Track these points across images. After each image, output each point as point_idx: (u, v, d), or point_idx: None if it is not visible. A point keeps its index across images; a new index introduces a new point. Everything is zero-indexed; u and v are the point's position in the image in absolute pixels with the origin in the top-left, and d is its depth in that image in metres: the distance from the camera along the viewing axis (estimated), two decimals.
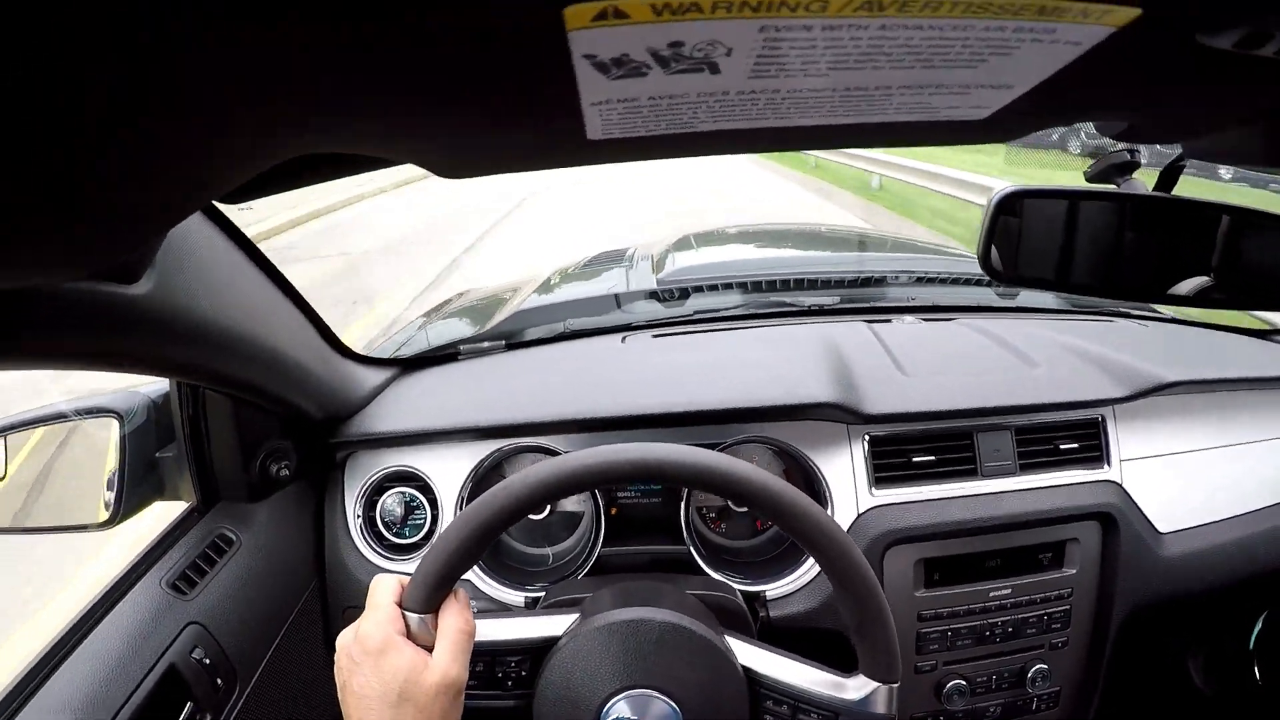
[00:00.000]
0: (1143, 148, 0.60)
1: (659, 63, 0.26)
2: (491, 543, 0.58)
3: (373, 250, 6.71)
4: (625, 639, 0.63)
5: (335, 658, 0.57)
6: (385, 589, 0.58)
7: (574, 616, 0.66)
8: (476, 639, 0.60)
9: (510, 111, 0.31)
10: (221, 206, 0.67)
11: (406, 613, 0.57)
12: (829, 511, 0.98)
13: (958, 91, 0.31)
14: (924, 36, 0.26)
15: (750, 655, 0.65)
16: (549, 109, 0.31)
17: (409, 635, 0.56)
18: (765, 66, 0.28)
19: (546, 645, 0.65)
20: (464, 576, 0.94)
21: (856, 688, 0.62)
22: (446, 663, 0.54)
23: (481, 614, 0.65)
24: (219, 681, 0.78)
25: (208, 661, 0.77)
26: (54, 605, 2.20)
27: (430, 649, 0.55)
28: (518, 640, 0.65)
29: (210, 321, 0.64)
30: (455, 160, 0.39)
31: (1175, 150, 0.55)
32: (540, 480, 0.58)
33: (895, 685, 0.62)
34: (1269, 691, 1.16)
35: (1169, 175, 0.63)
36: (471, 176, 0.41)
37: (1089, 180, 0.67)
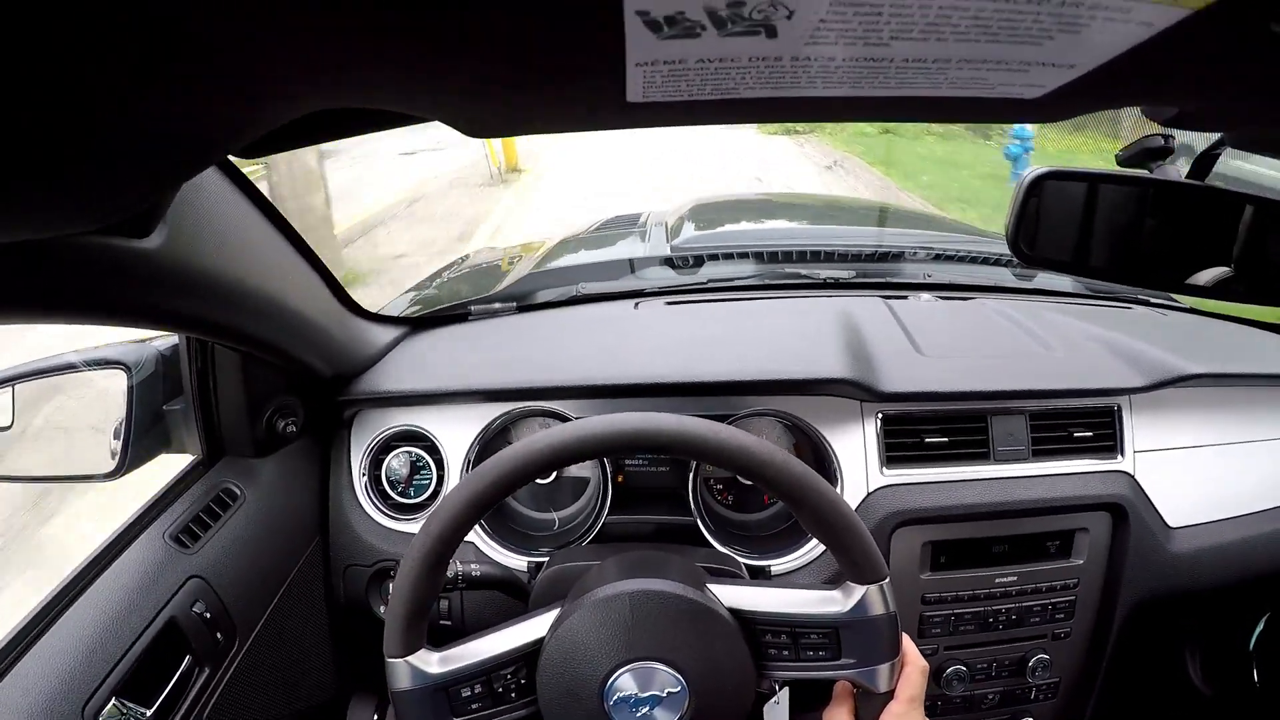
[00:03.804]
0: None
1: (715, 22, 0.25)
2: (445, 568, 0.62)
3: None
4: (603, 618, 0.62)
5: None
6: None
7: (556, 611, 0.66)
8: (464, 662, 0.63)
9: (549, 68, 0.30)
10: (235, 161, 0.65)
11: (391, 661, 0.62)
12: (838, 488, 0.97)
13: (1017, 69, 0.30)
14: (995, 9, 0.25)
15: (735, 596, 0.65)
16: (591, 68, 0.29)
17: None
18: (825, 33, 0.26)
19: (537, 647, 0.64)
20: (468, 539, 0.94)
21: (847, 597, 0.62)
22: None
23: (458, 640, 0.65)
24: (219, 635, 0.79)
25: (208, 615, 0.77)
26: None
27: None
28: (506, 652, 0.64)
29: (222, 276, 0.64)
30: (483, 119, 0.37)
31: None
32: (476, 488, 0.59)
33: (885, 581, 0.62)
34: (1266, 693, 1.16)
35: (1203, 163, 0.61)
36: (498, 136, 0.39)
37: (1120, 163, 0.66)
